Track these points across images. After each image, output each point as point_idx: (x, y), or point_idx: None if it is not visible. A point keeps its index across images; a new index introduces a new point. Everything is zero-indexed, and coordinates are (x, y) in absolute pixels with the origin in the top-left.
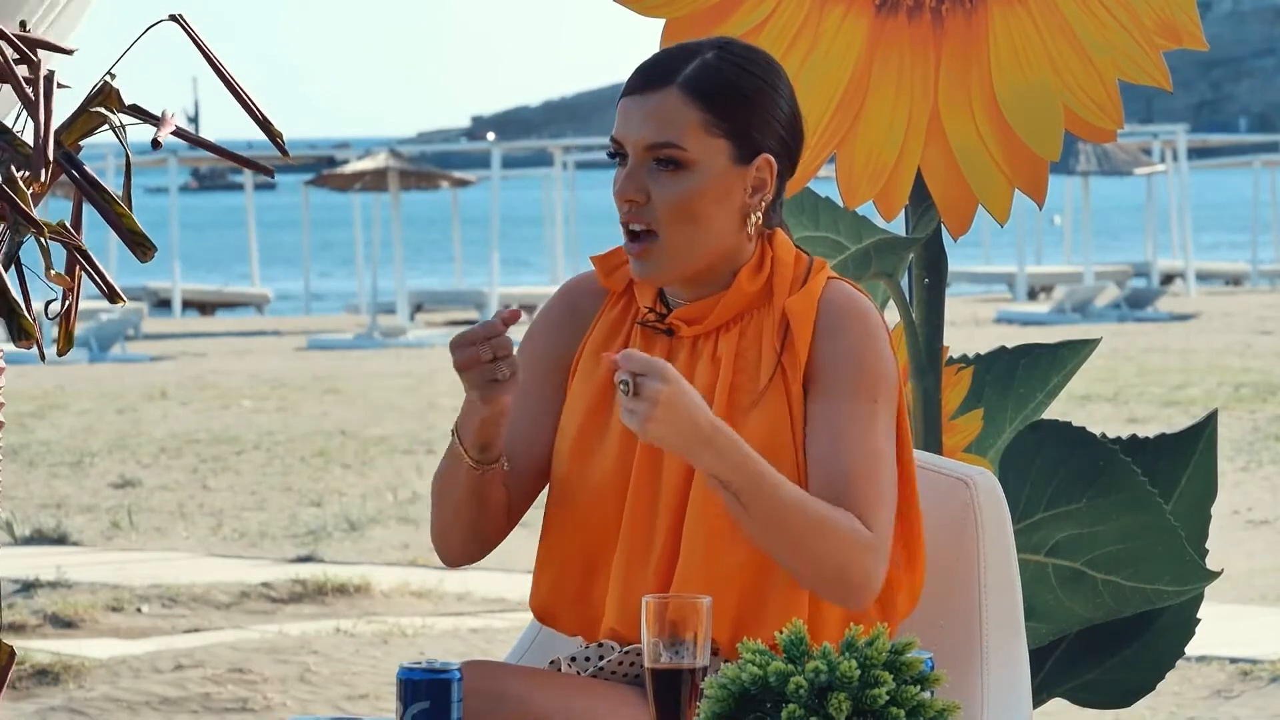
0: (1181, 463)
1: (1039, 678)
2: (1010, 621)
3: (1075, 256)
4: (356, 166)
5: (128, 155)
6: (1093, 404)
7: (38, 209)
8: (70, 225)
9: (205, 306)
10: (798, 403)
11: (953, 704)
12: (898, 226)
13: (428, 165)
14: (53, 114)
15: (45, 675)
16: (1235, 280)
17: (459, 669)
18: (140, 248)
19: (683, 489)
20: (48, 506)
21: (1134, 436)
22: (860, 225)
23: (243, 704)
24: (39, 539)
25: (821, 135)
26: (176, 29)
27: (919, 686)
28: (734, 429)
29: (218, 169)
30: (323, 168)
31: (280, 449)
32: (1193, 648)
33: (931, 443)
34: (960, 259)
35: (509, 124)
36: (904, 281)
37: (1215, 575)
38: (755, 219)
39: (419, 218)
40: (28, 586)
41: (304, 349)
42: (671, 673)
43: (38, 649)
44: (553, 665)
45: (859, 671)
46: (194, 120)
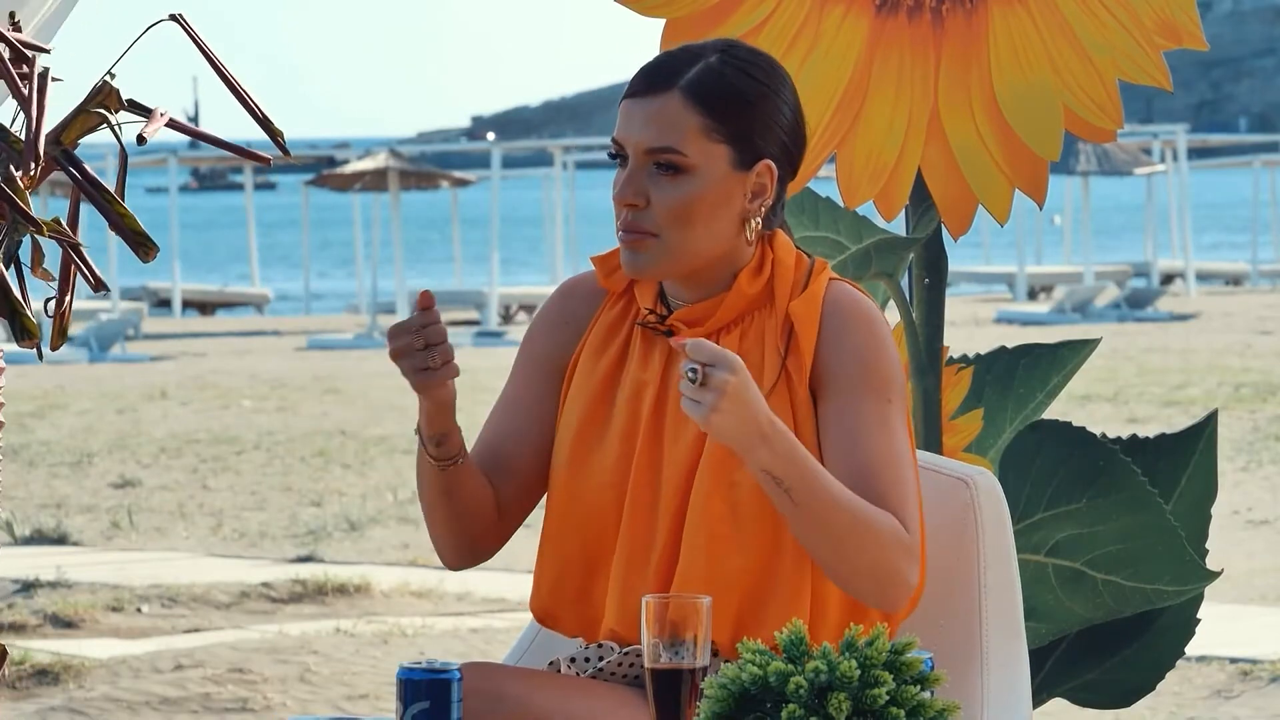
0: (1181, 463)
1: (1039, 678)
2: (1010, 621)
3: (1075, 256)
4: (356, 166)
5: (124, 153)
6: (1093, 404)
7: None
8: (67, 223)
9: (205, 306)
10: (803, 406)
11: (953, 704)
12: (898, 226)
13: (428, 165)
14: (45, 110)
15: (45, 675)
16: (1235, 280)
17: (459, 669)
18: (142, 247)
19: (683, 489)
20: (48, 506)
21: (1134, 436)
22: (860, 225)
23: (243, 704)
24: (39, 539)
25: (821, 135)
26: (176, 29)
27: (919, 686)
28: None
29: (218, 169)
30: (323, 168)
31: (280, 449)
32: (1193, 648)
33: (931, 443)
34: (960, 259)
35: (509, 124)
36: (904, 281)
37: (1215, 575)
38: (754, 224)
39: (419, 218)
40: (28, 586)
41: (304, 349)
42: (671, 673)
43: (38, 649)
44: (552, 666)
45: (859, 671)
46: (194, 120)
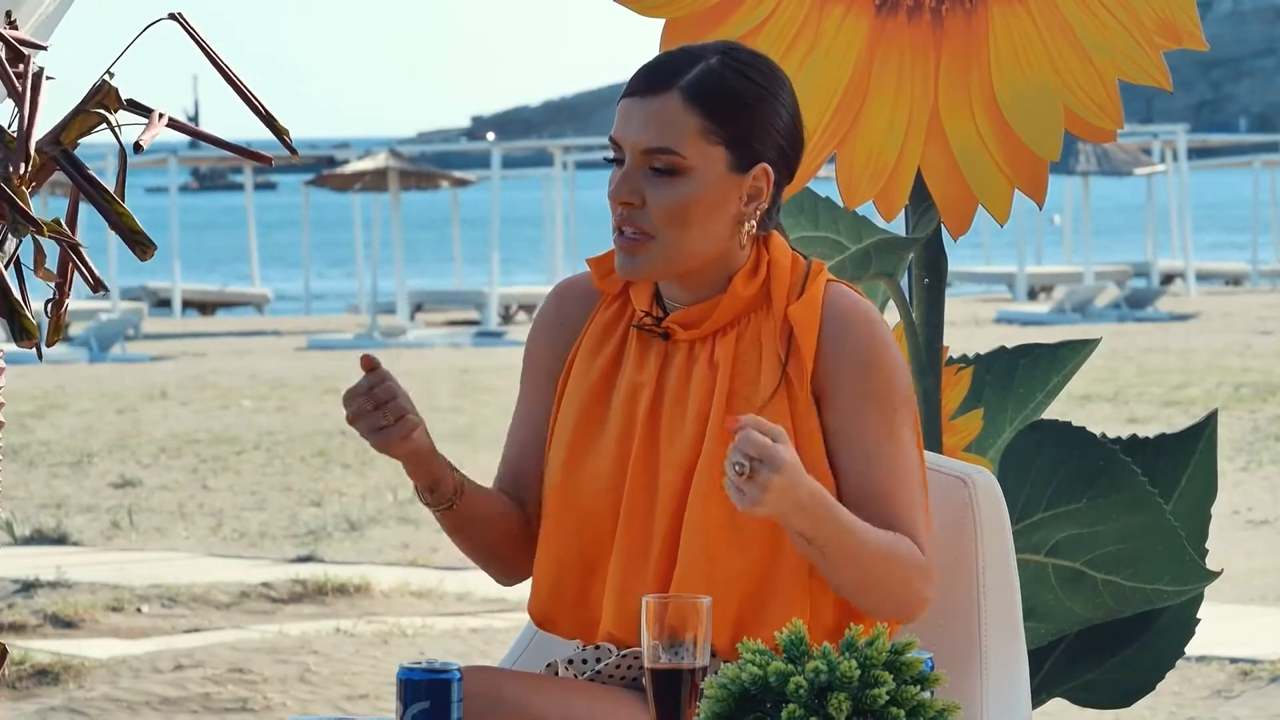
0: (1181, 463)
1: (1039, 678)
2: (1010, 621)
3: (1075, 256)
4: (356, 166)
5: (123, 153)
6: (1093, 404)
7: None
8: (65, 223)
9: (205, 306)
10: (803, 411)
11: (953, 704)
12: (898, 226)
13: (428, 165)
14: (39, 108)
15: (45, 675)
16: (1235, 280)
17: (459, 669)
18: (140, 246)
19: (681, 491)
20: (48, 506)
21: (1134, 436)
22: (860, 225)
23: (243, 704)
24: (39, 539)
25: (821, 135)
26: (176, 27)
27: (919, 686)
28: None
29: (218, 169)
30: (323, 168)
31: (280, 449)
32: (1193, 648)
33: (931, 443)
34: (960, 259)
35: (509, 124)
36: (904, 281)
37: (1215, 575)
38: (749, 227)
39: (419, 218)
40: (28, 586)
41: (304, 349)
42: (671, 673)
43: (38, 649)
44: (549, 668)
45: (859, 671)
46: (194, 119)
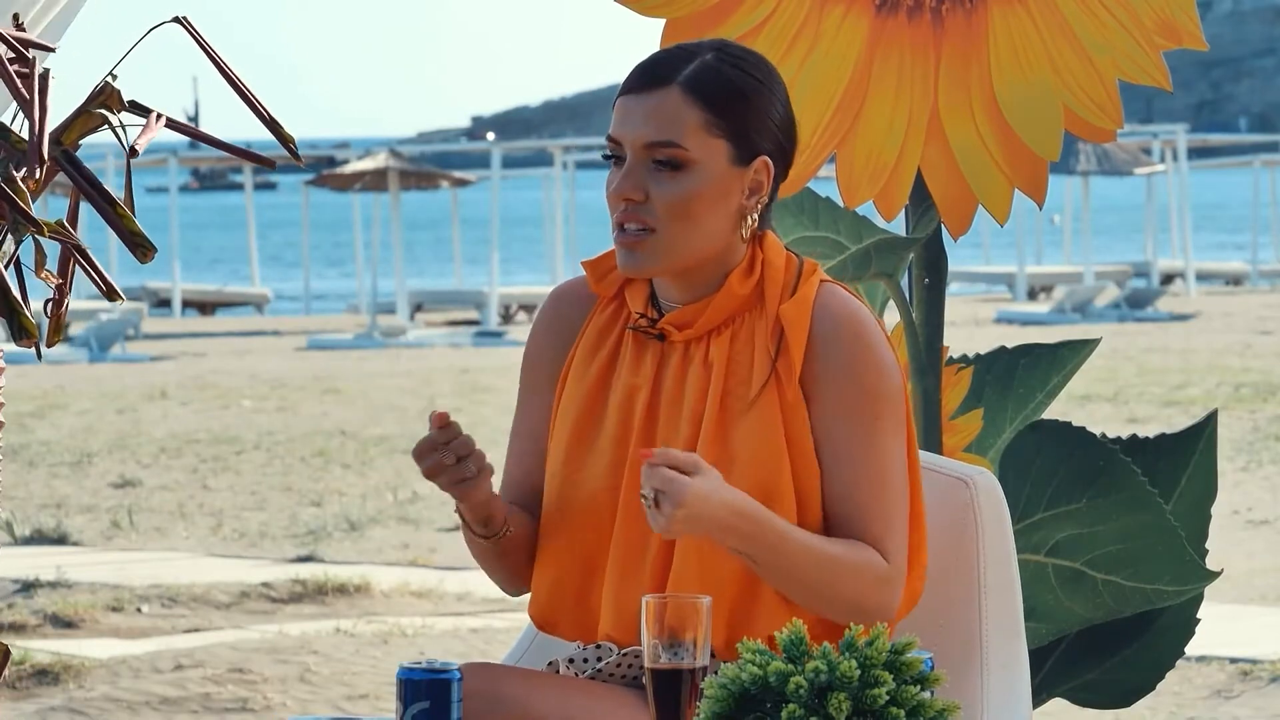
0: (1181, 463)
1: (1039, 678)
2: (1010, 621)
3: (1075, 256)
4: (356, 166)
5: (129, 157)
6: (1093, 404)
7: (34, 206)
8: (67, 224)
9: (205, 306)
10: (792, 410)
11: (953, 704)
12: (898, 226)
13: (428, 165)
14: (48, 111)
15: (45, 675)
16: (1235, 280)
17: (459, 669)
18: (140, 249)
19: None
20: (48, 506)
21: (1134, 436)
22: (860, 225)
23: (243, 704)
24: (39, 539)
25: (821, 135)
26: (177, 29)
27: (919, 686)
28: (726, 436)
29: (218, 169)
30: (323, 168)
31: (280, 449)
32: (1193, 648)
33: (931, 443)
34: (960, 259)
35: (509, 124)
36: (904, 281)
37: (1215, 575)
38: (751, 221)
39: (419, 218)
40: (28, 586)
41: (304, 349)
42: (671, 673)
43: (38, 649)
44: (550, 667)
45: (859, 671)
46: (194, 120)
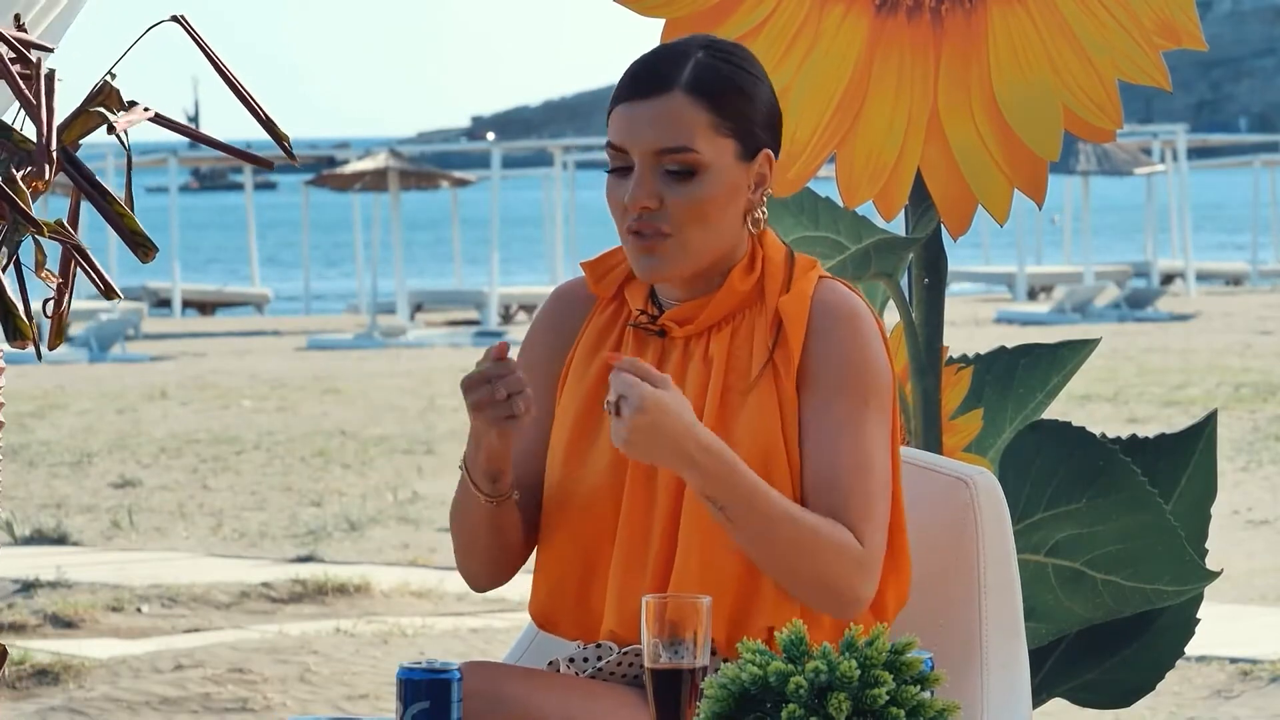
0: (1181, 463)
1: (1039, 678)
2: (1010, 621)
3: (1075, 256)
4: (356, 166)
5: (129, 156)
6: (1093, 404)
7: (35, 206)
8: (67, 223)
9: (205, 306)
10: (789, 402)
11: (953, 704)
12: (898, 226)
13: (428, 165)
14: (54, 112)
15: (45, 675)
16: (1235, 280)
17: (459, 669)
18: (141, 248)
19: (678, 491)
20: (48, 506)
21: (1134, 436)
22: (860, 225)
23: (243, 704)
24: (39, 539)
25: (821, 135)
26: (177, 29)
27: (919, 686)
28: (726, 429)
29: (218, 169)
30: (323, 168)
31: (280, 449)
32: (1193, 648)
33: (931, 443)
34: (960, 259)
35: (509, 124)
36: (904, 281)
37: (1215, 575)
38: (759, 214)
39: (419, 218)
40: (28, 586)
41: (304, 349)
42: (671, 673)
43: (38, 649)
44: (551, 666)
45: (859, 671)
46: (194, 120)
